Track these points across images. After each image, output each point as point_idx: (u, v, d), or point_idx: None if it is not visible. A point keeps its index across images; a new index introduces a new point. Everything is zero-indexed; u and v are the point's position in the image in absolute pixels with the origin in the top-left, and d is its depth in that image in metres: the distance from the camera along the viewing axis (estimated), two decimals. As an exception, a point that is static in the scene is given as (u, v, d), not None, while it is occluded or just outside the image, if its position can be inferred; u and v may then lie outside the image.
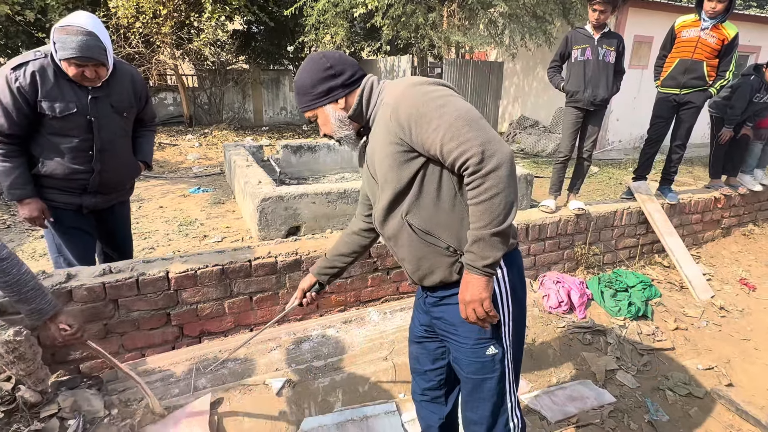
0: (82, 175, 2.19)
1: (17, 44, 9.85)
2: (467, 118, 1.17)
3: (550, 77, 3.67)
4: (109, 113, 2.19)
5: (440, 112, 1.18)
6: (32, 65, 1.98)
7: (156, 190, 5.86)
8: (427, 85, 1.25)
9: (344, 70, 1.37)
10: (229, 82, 11.83)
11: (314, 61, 1.37)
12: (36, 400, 1.87)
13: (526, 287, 1.47)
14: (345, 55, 1.41)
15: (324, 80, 1.36)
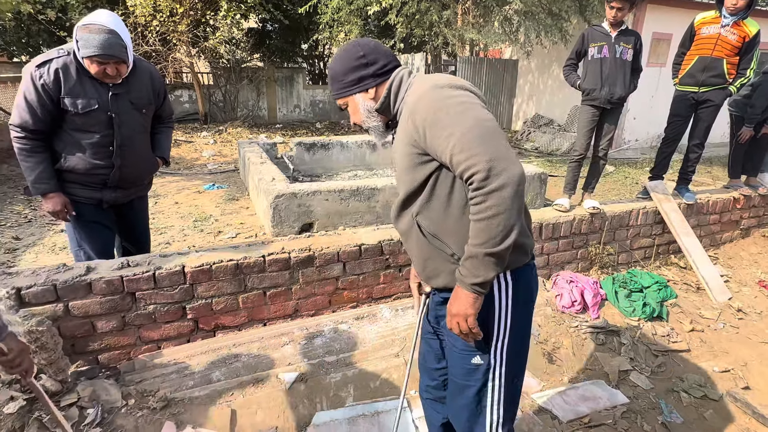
0: (103, 170, 2.24)
1: (38, 42, 10.06)
2: (481, 131, 1.13)
3: (565, 75, 3.64)
4: (129, 110, 2.25)
5: (455, 120, 1.14)
6: (56, 63, 2.04)
7: (172, 186, 5.94)
8: (449, 89, 1.21)
9: (377, 59, 1.34)
10: (244, 80, 11.93)
11: (348, 48, 1.36)
12: (57, 389, 1.92)
13: (532, 305, 1.42)
14: (380, 45, 1.39)
15: (356, 69, 1.34)
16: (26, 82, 2.03)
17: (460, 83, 1.24)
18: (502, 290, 1.32)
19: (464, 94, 1.21)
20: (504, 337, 1.34)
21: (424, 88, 1.24)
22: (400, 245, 2.74)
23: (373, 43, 1.37)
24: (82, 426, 1.85)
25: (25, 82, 2.04)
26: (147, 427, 1.90)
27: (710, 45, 3.47)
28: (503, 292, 1.32)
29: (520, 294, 1.34)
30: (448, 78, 1.26)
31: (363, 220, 4.11)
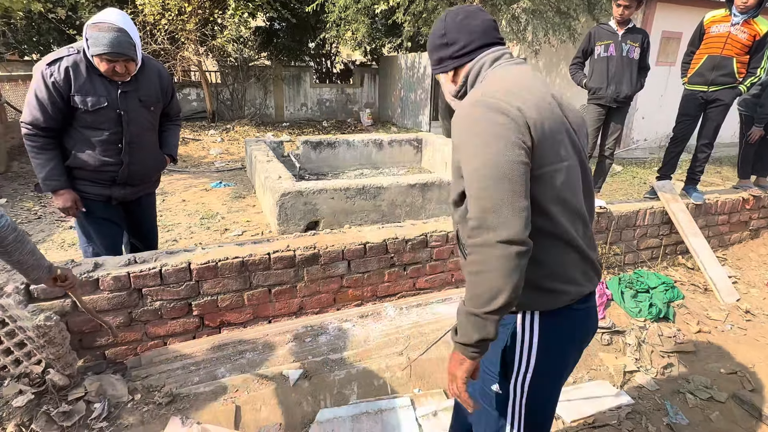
0: (112, 167, 2.27)
1: (49, 41, 10.16)
2: (487, 174, 1.02)
3: (572, 74, 3.62)
4: (138, 107, 2.27)
5: (471, 152, 1.06)
6: (66, 61, 2.07)
7: (179, 184, 5.98)
8: (482, 109, 1.07)
9: (457, 40, 1.20)
10: (251, 78, 11.98)
11: (437, 23, 1.25)
12: (64, 383, 1.94)
13: (570, 349, 1.27)
14: (466, 21, 1.22)
15: (437, 48, 1.25)
16: (37, 80, 2.06)
17: (499, 102, 1.07)
18: (526, 328, 1.21)
19: (494, 120, 1.05)
20: (526, 374, 1.23)
21: (469, 100, 1.13)
22: (405, 244, 2.75)
23: (460, 17, 1.22)
24: (89, 420, 1.88)
25: (36, 80, 2.07)
26: (153, 421, 1.93)
27: (720, 44, 3.43)
28: (526, 330, 1.21)
29: (551, 337, 1.21)
30: (495, 91, 1.11)
31: (369, 219, 4.12)
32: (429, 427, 2.02)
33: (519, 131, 1.05)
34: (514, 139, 1.04)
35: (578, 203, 1.18)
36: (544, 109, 1.11)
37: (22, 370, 1.93)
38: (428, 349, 2.44)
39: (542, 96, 1.13)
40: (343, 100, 13.55)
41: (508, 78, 1.16)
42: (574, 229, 1.16)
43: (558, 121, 1.13)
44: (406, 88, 12.12)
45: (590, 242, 1.24)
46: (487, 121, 1.06)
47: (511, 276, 1.00)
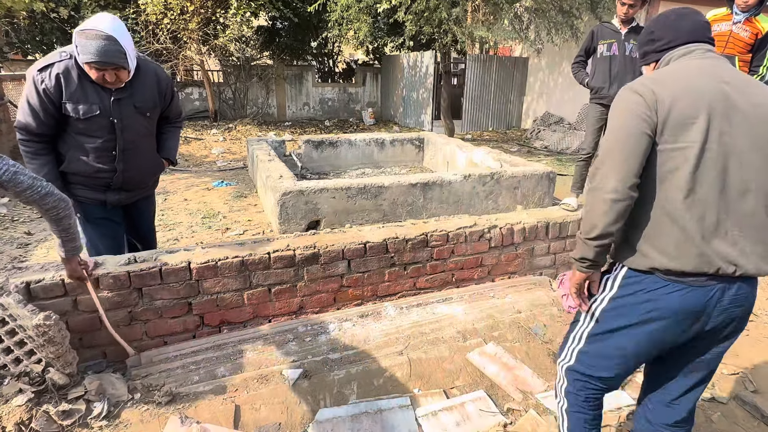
0: (106, 173, 2.24)
1: (52, 40, 10.19)
2: (613, 138, 1.35)
3: (574, 72, 3.61)
4: (132, 114, 2.21)
5: (611, 121, 1.40)
6: (57, 67, 2.01)
7: (181, 183, 5.99)
8: (625, 92, 1.37)
9: (662, 37, 1.43)
10: (254, 78, 11.99)
11: (649, 21, 1.52)
12: (64, 382, 1.95)
13: (629, 311, 1.42)
14: (676, 21, 1.42)
15: (645, 44, 1.50)
16: (29, 85, 2.01)
17: (640, 86, 1.34)
18: (614, 273, 1.47)
19: (629, 98, 1.34)
20: (594, 312, 1.52)
21: None
22: (405, 243, 2.74)
23: (672, 17, 1.44)
24: (89, 419, 1.88)
25: (28, 86, 2.02)
26: (152, 420, 1.93)
27: (722, 42, 3.41)
28: (613, 275, 1.47)
29: (621, 289, 1.43)
30: (647, 78, 1.37)
31: (370, 218, 4.11)
32: (429, 427, 2.01)
33: (648, 108, 1.29)
34: (639, 113, 1.30)
35: (698, 185, 1.28)
36: (686, 94, 1.28)
37: (22, 369, 1.94)
38: None
39: (692, 83, 1.31)
40: (345, 99, 13.54)
41: (673, 69, 1.38)
42: (686, 207, 1.29)
43: (699, 107, 1.27)
44: (408, 88, 12.11)
45: (719, 231, 1.30)
46: (625, 99, 1.35)
47: (606, 216, 1.32)
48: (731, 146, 1.27)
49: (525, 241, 3.12)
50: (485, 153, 5.48)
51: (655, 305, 1.37)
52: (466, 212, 4.35)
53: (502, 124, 12.04)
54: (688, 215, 1.29)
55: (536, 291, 3.06)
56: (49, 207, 1.71)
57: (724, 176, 1.27)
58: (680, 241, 1.30)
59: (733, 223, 1.29)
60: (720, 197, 1.28)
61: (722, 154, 1.27)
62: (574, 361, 1.58)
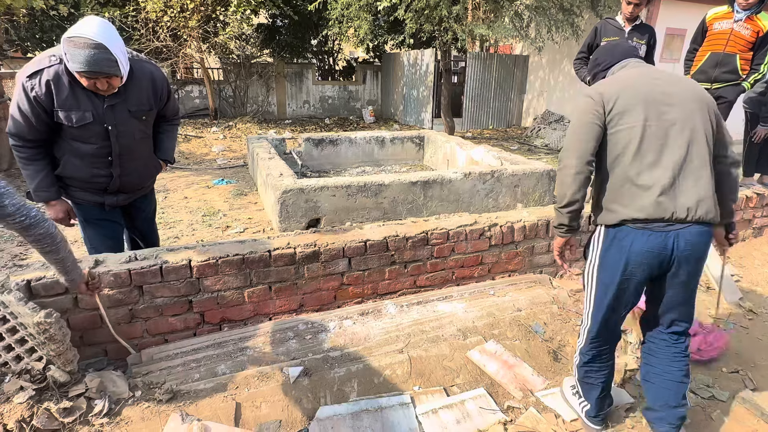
0: (102, 178, 2.21)
1: (52, 38, 10.17)
2: (571, 128, 1.82)
3: (576, 69, 3.60)
4: (127, 119, 2.15)
5: (570, 123, 1.87)
6: (46, 74, 1.92)
7: (181, 181, 5.99)
8: (581, 97, 1.87)
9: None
10: (254, 76, 11.97)
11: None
12: (65, 379, 1.95)
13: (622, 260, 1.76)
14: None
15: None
16: (19, 91, 1.94)
17: (589, 91, 1.82)
18: (596, 234, 1.87)
19: (583, 99, 1.80)
20: (592, 268, 1.89)
21: None
22: (406, 241, 2.74)
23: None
24: (90, 416, 1.88)
25: (18, 92, 1.95)
26: (153, 418, 1.93)
27: (723, 41, 3.41)
28: (596, 235, 1.87)
29: (603, 244, 1.83)
30: (594, 85, 1.87)
31: (370, 216, 4.12)
32: (429, 424, 2.02)
33: (596, 105, 1.75)
34: (590, 109, 1.75)
35: (648, 153, 1.69)
36: (625, 90, 1.73)
37: (23, 367, 1.94)
38: None
39: (629, 83, 1.77)
40: (346, 97, 13.53)
41: (614, 77, 1.87)
42: (641, 170, 1.69)
43: (637, 97, 1.71)
44: (408, 86, 12.09)
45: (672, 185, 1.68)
46: (580, 102, 1.81)
47: (571, 186, 1.77)
48: (670, 120, 1.69)
49: (525, 239, 3.12)
50: (485, 151, 5.48)
51: (629, 249, 1.73)
52: (466, 210, 4.35)
53: (503, 122, 12.03)
54: (644, 175, 1.69)
55: (536, 289, 3.06)
56: (33, 240, 1.60)
57: (668, 142, 1.69)
58: (639, 196, 1.69)
59: (683, 177, 1.68)
60: (668, 159, 1.68)
61: (662, 128, 1.69)
62: (590, 323, 1.92)
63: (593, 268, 1.88)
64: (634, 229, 1.72)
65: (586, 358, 1.97)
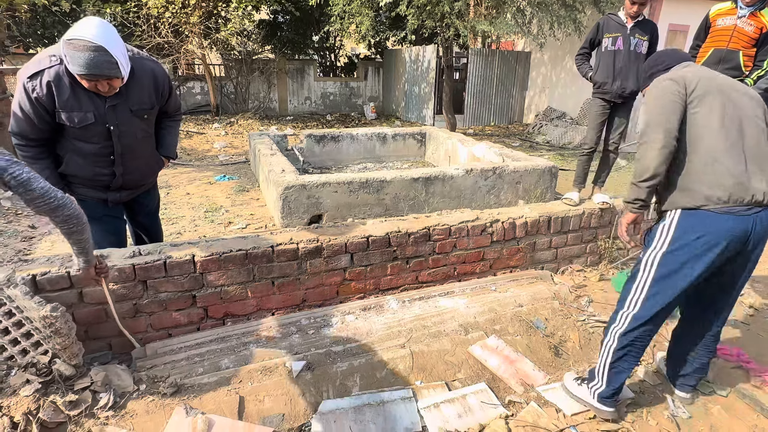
0: (105, 177, 2.23)
1: (53, 34, 10.18)
2: (654, 111, 1.84)
3: (578, 65, 3.60)
4: (129, 118, 2.15)
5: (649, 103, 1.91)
6: (47, 74, 1.92)
7: (183, 177, 6.01)
8: (660, 82, 1.92)
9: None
10: (255, 72, 11.96)
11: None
12: (70, 373, 1.97)
13: (687, 246, 1.80)
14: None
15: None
16: (20, 92, 1.94)
17: (669, 75, 1.91)
18: (668, 217, 1.88)
19: (661, 86, 1.88)
20: (657, 252, 1.89)
21: None
22: (408, 237, 2.75)
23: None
24: (96, 409, 1.90)
25: (19, 92, 1.95)
26: (158, 411, 1.95)
27: (726, 37, 3.40)
28: (668, 218, 1.87)
29: (677, 230, 1.83)
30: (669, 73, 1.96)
31: (372, 213, 4.13)
32: (431, 418, 2.04)
33: (679, 86, 1.83)
34: (673, 90, 1.83)
35: (727, 135, 1.77)
36: (703, 77, 1.84)
37: (29, 360, 1.96)
38: None
39: (704, 74, 1.88)
40: (347, 93, 13.52)
41: (686, 68, 1.94)
42: (723, 150, 1.75)
43: (712, 85, 1.82)
44: (410, 82, 12.08)
45: (749, 169, 1.75)
46: (660, 86, 1.89)
47: (655, 160, 1.79)
48: (742, 109, 1.80)
49: (527, 236, 3.13)
50: (487, 147, 5.48)
51: (713, 232, 1.75)
52: (468, 207, 4.36)
53: (504, 119, 12.01)
54: (725, 156, 1.74)
55: (538, 285, 3.08)
56: (60, 220, 1.67)
57: (742, 128, 1.78)
58: (722, 175, 1.74)
59: (754, 162, 1.76)
60: (743, 143, 1.77)
61: (737, 115, 1.79)
62: (639, 308, 1.93)
63: (658, 255, 1.88)
64: (716, 213, 1.74)
65: (625, 341, 1.98)
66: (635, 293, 1.96)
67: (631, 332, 1.96)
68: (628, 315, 1.97)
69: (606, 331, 2.07)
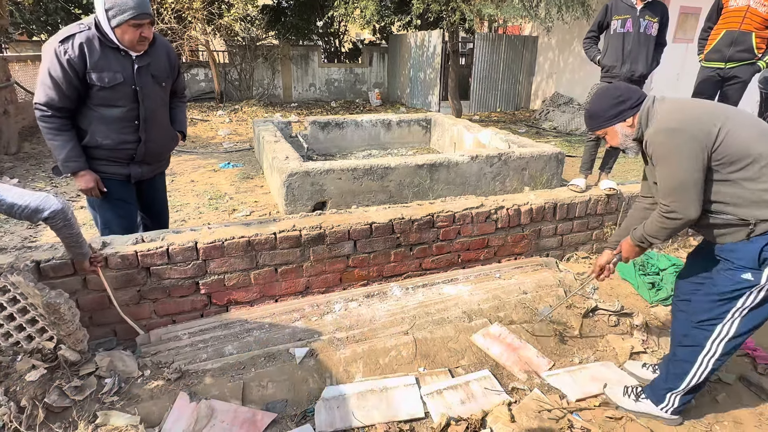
0: (130, 144, 2.28)
1: (56, 20, 10.13)
2: (674, 180, 1.68)
3: (585, 48, 3.52)
4: (151, 83, 2.27)
5: (663, 163, 1.71)
6: (79, 37, 2.03)
7: (188, 164, 6.00)
8: (663, 135, 1.69)
9: (630, 96, 1.83)
10: (259, 58, 11.87)
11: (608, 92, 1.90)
12: (75, 359, 1.99)
13: None
14: (630, 86, 1.91)
15: (615, 105, 1.86)
16: (50, 58, 2.01)
17: (673, 129, 1.67)
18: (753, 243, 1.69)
19: (673, 143, 1.67)
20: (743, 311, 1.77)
21: (653, 129, 1.74)
22: (411, 224, 2.73)
23: (623, 85, 1.91)
24: (101, 394, 1.92)
25: (48, 59, 2.02)
26: (162, 396, 1.96)
27: (738, 18, 3.31)
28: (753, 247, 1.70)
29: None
30: (669, 121, 1.70)
31: (376, 199, 4.11)
32: (433, 405, 2.04)
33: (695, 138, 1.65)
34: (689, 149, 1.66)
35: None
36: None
37: (35, 346, 1.97)
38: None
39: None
40: (352, 79, 13.40)
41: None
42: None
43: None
44: (415, 68, 11.94)
45: None
46: (667, 143, 1.69)
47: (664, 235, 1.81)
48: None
49: (532, 222, 3.10)
50: (493, 134, 5.42)
51: None
52: (473, 193, 4.32)
53: (511, 105, 11.87)
54: None
55: (543, 272, 3.05)
56: (44, 220, 1.69)
57: None
58: None
59: None
60: None
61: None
62: (723, 349, 1.84)
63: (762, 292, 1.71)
64: None
65: (719, 363, 1.88)
66: (716, 336, 1.83)
67: (726, 354, 1.86)
68: (707, 360, 1.86)
69: (684, 353, 1.93)
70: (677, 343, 1.99)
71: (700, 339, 1.86)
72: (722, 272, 1.79)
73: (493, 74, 11.29)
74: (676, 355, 1.97)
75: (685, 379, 1.92)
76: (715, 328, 1.82)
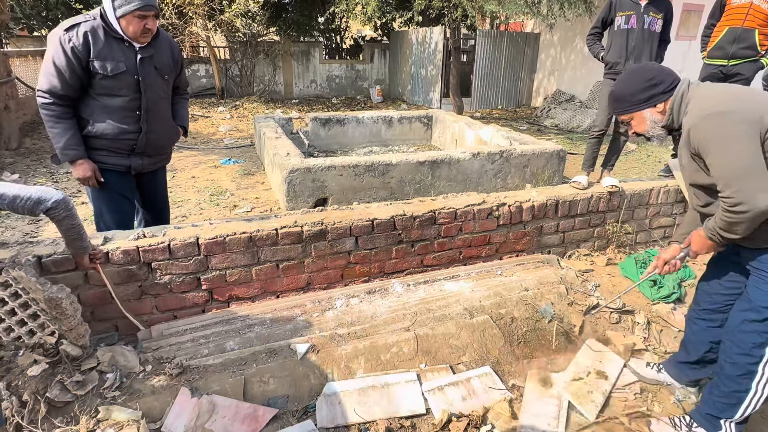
0: (131, 135, 2.29)
1: (57, 16, 10.08)
2: (733, 167, 1.48)
3: (589, 45, 3.51)
4: (154, 74, 2.29)
5: (718, 151, 1.51)
6: (84, 26, 2.07)
7: (188, 160, 6.00)
8: (717, 120, 1.52)
9: (664, 79, 1.68)
10: (260, 54, 11.84)
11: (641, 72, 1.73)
12: (77, 353, 1.99)
13: None
14: (664, 67, 1.74)
15: (646, 89, 1.69)
16: (54, 46, 2.05)
17: (727, 110, 1.51)
18: None
19: (729, 125, 1.50)
20: None
21: (699, 115, 1.57)
22: (413, 220, 2.73)
23: (656, 66, 1.75)
24: (102, 389, 1.92)
25: (53, 47, 2.05)
26: (163, 391, 1.97)
27: (741, 15, 3.29)
28: None
29: None
30: (718, 104, 1.54)
31: (377, 196, 4.10)
32: (435, 401, 2.04)
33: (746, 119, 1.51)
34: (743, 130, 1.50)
35: None
36: None
37: (37, 341, 1.98)
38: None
39: None
40: (353, 76, 13.37)
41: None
42: None
43: None
44: (416, 64, 11.91)
45: None
46: (726, 126, 1.52)
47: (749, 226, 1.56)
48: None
49: (534, 219, 3.09)
50: (494, 131, 5.41)
51: None
52: (474, 190, 4.31)
53: (512, 102, 11.85)
54: None
55: (544, 269, 3.05)
56: (46, 211, 1.70)
57: None
58: None
59: None
60: None
61: None
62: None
63: None
64: None
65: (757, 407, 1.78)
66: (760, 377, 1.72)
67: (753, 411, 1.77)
68: (754, 401, 1.75)
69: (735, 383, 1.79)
70: (725, 373, 1.81)
71: (751, 366, 1.73)
72: (757, 287, 1.68)
73: (494, 71, 11.25)
74: (726, 385, 1.81)
75: (740, 408, 1.79)
76: (765, 351, 1.69)
